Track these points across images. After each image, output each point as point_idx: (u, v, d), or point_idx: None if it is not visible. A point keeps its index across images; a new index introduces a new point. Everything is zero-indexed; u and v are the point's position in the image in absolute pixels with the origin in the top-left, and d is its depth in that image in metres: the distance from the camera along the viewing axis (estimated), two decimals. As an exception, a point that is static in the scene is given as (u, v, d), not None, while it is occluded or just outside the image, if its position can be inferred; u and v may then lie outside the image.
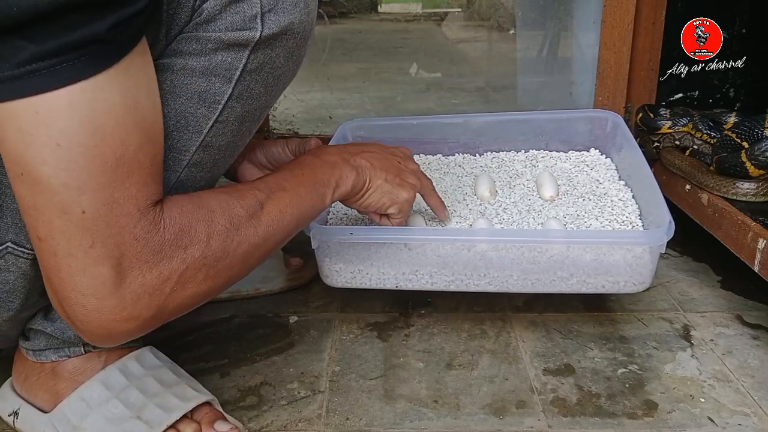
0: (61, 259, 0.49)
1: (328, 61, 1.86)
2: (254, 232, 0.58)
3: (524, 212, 0.91)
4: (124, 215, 0.49)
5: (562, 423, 0.71)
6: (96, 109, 0.46)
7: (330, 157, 0.70)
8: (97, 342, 0.54)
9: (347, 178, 0.69)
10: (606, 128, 1.03)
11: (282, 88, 0.64)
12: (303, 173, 0.66)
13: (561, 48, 1.40)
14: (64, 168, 0.46)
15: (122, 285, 0.50)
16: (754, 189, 0.89)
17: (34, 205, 0.48)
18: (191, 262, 0.53)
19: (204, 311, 0.95)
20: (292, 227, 0.63)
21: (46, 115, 0.45)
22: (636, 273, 0.79)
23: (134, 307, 0.51)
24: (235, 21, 0.54)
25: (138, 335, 0.54)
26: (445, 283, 0.82)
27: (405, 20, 2.52)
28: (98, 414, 0.65)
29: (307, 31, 0.59)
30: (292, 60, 0.60)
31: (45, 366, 0.68)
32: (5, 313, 0.62)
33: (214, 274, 0.55)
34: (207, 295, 0.57)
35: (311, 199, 0.65)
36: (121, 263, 0.50)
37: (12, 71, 0.43)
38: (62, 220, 0.48)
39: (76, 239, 0.48)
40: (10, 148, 0.47)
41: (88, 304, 0.50)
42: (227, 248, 0.56)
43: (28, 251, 0.59)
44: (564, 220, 0.88)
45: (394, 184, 0.75)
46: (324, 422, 0.72)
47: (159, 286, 0.52)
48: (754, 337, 0.87)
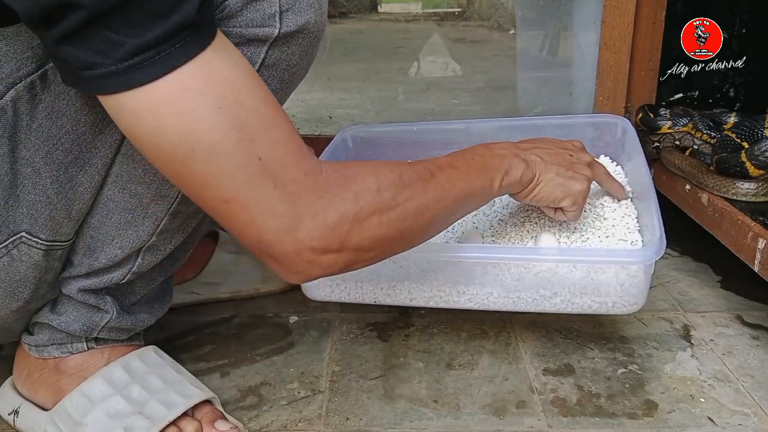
0: (253, 209, 0.52)
1: (328, 61, 1.86)
2: (423, 192, 0.60)
3: (519, 224, 0.87)
4: (289, 153, 0.53)
5: (562, 423, 0.72)
6: (228, 68, 0.50)
7: (501, 150, 0.71)
8: (300, 278, 0.57)
9: (516, 169, 0.70)
10: (616, 134, 1.00)
11: (295, 86, 0.65)
12: (473, 158, 0.68)
13: (561, 48, 1.40)
14: (231, 126, 0.49)
15: (306, 218, 0.53)
16: (754, 189, 0.89)
17: (214, 174, 0.50)
18: (363, 204, 0.55)
19: (204, 311, 0.95)
20: (462, 201, 0.64)
21: (196, 86, 0.48)
22: (627, 293, 0.75)
23: (322, 239, 0.54)
24: (255, 18, 0.56)
25: (332, 271, 0.57)
26: (424, 299, 0.81)
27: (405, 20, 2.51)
28: (100, 410, 0.65)
29: (320, 30, 0.61)
30: (306, 58, 0.62)
31: (48, 362, 0.68)
32: (14, 303, 0.63)
33: (387, 222, 0.57)
34: (385, 242, 0.58)
35: (480, 181, 0.66)
36: (300, 198, 0.53)
37: (147, 53, 0.45)
38: (246, 173, 0.51)
39: (261, 186, 0.51)
40: (171, 131, 0.48)
41: (284, 239, 0.53)
42: (397, 199, 0.58)
43: (41, 242, 0.59)
44: (559, 234, 0.84)
45: (566, 177, 0.74)
46: (324, 422, 0.72)
47: (339, 222, 0.54)
48: (754, 337, 0.87)
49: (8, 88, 0.54)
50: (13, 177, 0.56)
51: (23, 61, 0.54)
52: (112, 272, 0.66)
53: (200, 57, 0.48)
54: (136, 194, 0.63)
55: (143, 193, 0.63)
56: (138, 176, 0.62)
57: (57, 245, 0.62)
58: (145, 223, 0.64)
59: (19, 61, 0.54)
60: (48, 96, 0.55)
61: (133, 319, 0.70)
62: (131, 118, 0.49)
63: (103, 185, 0.62)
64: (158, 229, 0.65)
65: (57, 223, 0.60)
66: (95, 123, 0.58)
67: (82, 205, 0.61)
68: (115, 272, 0.66)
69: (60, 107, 0.56)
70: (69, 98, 0.56)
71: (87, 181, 0.60)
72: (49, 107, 0.55)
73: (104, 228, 0.64)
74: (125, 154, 0.61)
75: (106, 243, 0.64)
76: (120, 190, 0.62)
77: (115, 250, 0.65)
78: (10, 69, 0.54)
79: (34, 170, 0.57)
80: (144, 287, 0.71)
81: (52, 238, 0.61)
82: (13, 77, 0.54)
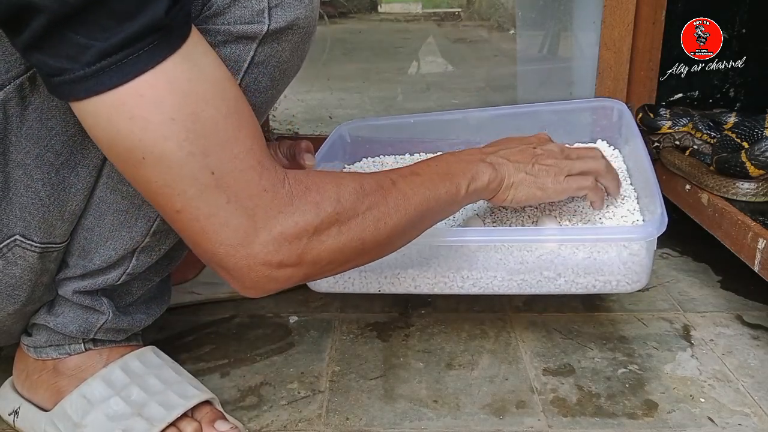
0: (204, 221, 0.51)
1: (328, 61, 1.86)
2: (384, 200, 0.59)
3: (519, 209, 0.87)
4: (248, 169, 0.52)
5: (562, 423, 0.71)
6: (191, 78, 0.49)
7: (466, 156, 0.72)
8: (255, 293, 0.57)
9: (483, 173, 0.70)
10: (612, 118, 0.99)
11: (287, 83, 0.65)
12: (437, 165, 0.67)
13: (561, 48, 1.40)
14: (184, 138, 0.48)
15: (262, 232, 0.52)
16: (754, 189, 0.89)
17: (165, 183, 0.50)
18: (324, 216, 0.55)
19: (204, 311, 0.95)
20: (425, 208, 0.63)
21: (152, 95, 0.47)
22: (630, 271, 0.76)
23: (277, 253, 0.53)
24: (243, 15, 0.56)
25: (287, 285, 0.56)
26: (428, 286, 0.80)
27: (405, 20, 2.51)
28: (99, 411, 0.65)
29: (311, 26, 0.60)
30: (297, 55, 0.61)
31: (47, 364, 0.68)
32: (11, 306, 0.62)
33: (347, 232, 0.57)
34: (344, 253, 0.57)
35: (446, 187, 0.65)
36: (257, 213, 0.52)
37: (106, 60, 0.45)
38: (196, 187, 0.50)
39: (213, 199, 0.51)
40: (124, 137, 0.48)
41: (236, 254, 0.53)
42: (357, 208, 0.57)
43: (35, 244, 0.59)
44: (560, 217, 0.85)
45: (535, 174, 0.74)
46: (324, 422, 0.72)
47: (297, 235, 0.54)
48: (754, 337, 0.87)
49: None
50: (4, 180, 0.56)
51: (12, 63, 0.53)
52: (106, 273, 0.66)
53: (164, 64, 0.47)
54: (128, 195, 0.62)
55: (135, 194, 0.62)
56: None
57: (52, 247, 0.61)
58: (138, 224, 0.64)
59: (8, 63, 0.53)
60: (37, 98, 0.55)
61: (129, 319, 0.70)
62: (90, 121, 0.48)
63: (95, 187, 0.62)
64: (152, 229, 0.65)
65: (50, 225, 0.60)
66: None
67: (75, 206, 0.61)
68: (110, 273, 0.66)
69: (50, 109, 0.56)
70: (58, 100, 0.55)
71: (79, 182, 0.60)
72: (38, 109, 0.55)
73: (98, 229, 0.63)
74: None
75: (100, 244, 0.64)
76: (112, 191, 0.62)
77: (109, 251, 0.64)
78: None
79: (25, 173, 0.56)
80: (140, 288, 0.71)
81: (47, 240, 0.60)
82: (1, 79, 0.53)
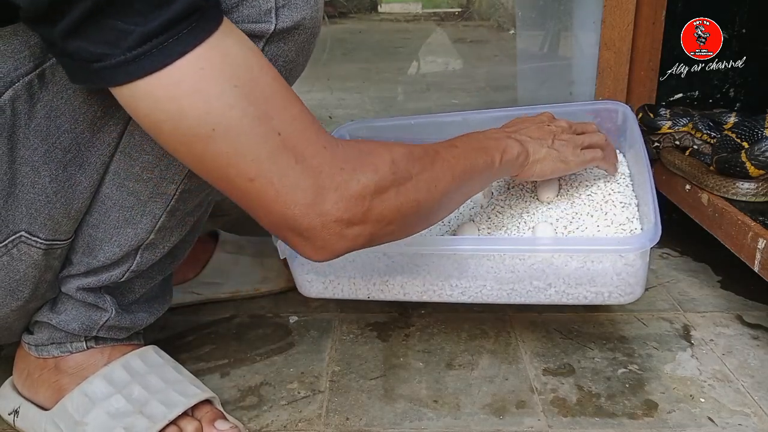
0: (278, 184, 0.52)
1: (328, 61, 1.86)
2: (432, 165, 0.62)
3: (516, 216, 0.86)
4: (306, 128, 0.54)
5: (562, 423, 0.71)
6: (240, 49, 0.50)
7: (494, 133, 0.76)
8: (325, 254, 0.57)
9: (512, 148, 0.73)
10: (617, 121, 0.98)
11: (292, 83, 0.65)
12: (470, 140, 0.71)
13: (561, 48, 1.40)
14: (248, 104, 0.50)
15: (330, 191, 0.54)
16: (754, 189, 0.89)
17: (236, 152, 0.51)
18: (382, 175, 0.56)
19: (204, 311, 0.95)
20: (467, 176, 0.66)
21: (211, 67, 0.48)
22: (623, 282, 0.74)
23: (347, 210, 0.55)
24: (251, 14, 0.56)
25: (355, 245, 0.57)
26: (417, 293, 0.80)
27: (405, 20, 2.51)
28: (100, 409, 0.65)
29: (316, 27, 0.61)
30: (302, 55, 0.62)
31: (48, 362, 0.68)
32: (14, 303, 0.63)
33: (404, 192, 0.59)
34: (404, 214, 0.59)
35: (482, 158, 0.69)
36: (322, 171, 0.53)
37: (158, 38, 0.46)
38: (267, 149, 0.51)
39: (284, 160, 0.52)
40: (188, 114, 0.49)
41: (310, 212, 0.54)
42: (411, 171, 0.59)
43: (41, 241, 0.59)
44: (557, 223, 0.83)
45: (557, 148, 0.78)
46: (324, 422, 0.72)
47: (361, 193, 0.55)
48: (754, 337, 0.87)
49: (6, 87, 0.54)
50: (12, 176, 0.56)
51: (21, 61, 0.54)
52: (110, 270, 0.66)
53: (210, 39, 0.48)
54: (133, 192, 0.63)
55: (141, 191, 0.63)
56: (136, 174, 0.62)
57: (56, 244, 0.62)
58: (143, 221, 0.64)
59: (17, 60, 0.54)
60: (46, 95, 0.55)
61: (132, 318, 0.70)
62: (147, 105, 0.49)
63: (101, 183, 0.62)
64: (156, 227, 0.65)
65: (56, 222, 0.60)
66: (93, 121, 0.58)
67: (81, 203, 0.61)
68: (114, 270, 0.66)
69: (58, 106, 0.56)
70: (67, 97, 0.56)
71: (86, 179, 0.60)
72: (47, 106, 0.55)
73: (103, 226, 0.64)
74: (123, 152, 0.61)
75: (104, 241, 0.64)
76: (118, 188, 0.62)
77: (113, 248, 0.65)
78: (7, 68, 0.54)
79: (32, 169, 0.57)
80: (143, 286, 0.71)
81: (52, 237, 0.61)
82: (10, 77, 0.54)
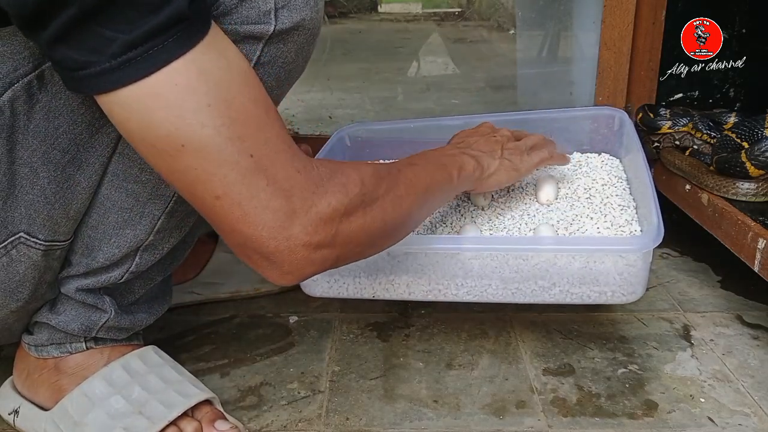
0: (246, 205, 0.52)
1: (328, 61, 1.86)
2: (396, 184, 0.63)
3: (517, 218, 0.87)
4: (281, 151, 0.54)
5: (562, 423, 0.71)
6: (219, 66, 0.50)
7: (447, 150, 0.78)
8: (292, 278, 0.57)
9: (468, 164, 0.75)
10: (613, 126, 0.99)
11: (291, 83, 0.65)
12: (427, 158, 0.72)
13: (561, 48, 1.40)
14: (221, 124, 0.50)
15: (300, 214, 0.54)
16: (754, 189, 0.89)
17: (205, 170, 0.51)
18: (352, 197, 0.57)
19: (204, 311, 0.95)
20: (428, 193, 0.67)
21: (186, 83, 0.48)
22: (626, 282, 0.75)
23: (315, 233, 0.55)
24: (250, 15, 0.56)
25: (322, 268, 0.57)
26: (422, 293, 0.80)
27: (405, 20, 2.51)
28: (100, 409, 0.65)
29: (316, 28, 0.61)
30: (302, 56, 0.62)
31: (47, 362, 0.68)
32: (14, 304, 0.63)
33: (371, 213, 0.59)
34: (370, 234, 0.60)
35: (440, 175, 0.70)
36: (294, 194, 0.53)
37: (133, 51, 0.46)
38: (237, 171, 0.51)
39: (254, 182, 0.52)
40: (159, 126, 0.49)
41: (278, 236, 0.53)
42: (378, 191, 0.60)
43: (40, 242, 0.59)
44: (558, 225, 0.84)
45: (506, 158, 0.80)
46: (324, 422, 0.72)
47: (331, 215, 0.55)
48: (754, 337, 0.87)
49: (5, 88, 0.54)
50: (10, 177, 0.56)
51: (20, 62, 0.54)
52: (110, 271, 0.66)
53: (191, 53, 0.48)
54: (132, 193, 0.63)
55: (140, 192, 0.63)
56: (134, 175, 0.62)
57: (56, 245, 0.62)
58: (142, 222, 0.64)
59: (16, 61, 0.54)
60: (45, 96, 0.55)
61: (131, 318, 0.70)
62: (123, 113, 0.49)
63: (100, 184, 0.62)
64: (155, 228, 0.65)
65: (55, 223, 0.60)
66: (92, 122, 0.58)
67: (80, 204, 0.61)
68: (113, 271, 0.66)
69: (57, 107, 0.56)
70: (66, 98, 0.56)
71: (84, 180, 0.60)
72: (46, 107, 0.56)
73: (102, 227, 0.64)
74: (122, 153, 0.61)
75: (103, 242, 0.64)
76: (117, 189, 0.62)
77: (112, 249, 0.65)
78: (7, 69, 0.54)
79: (31, 170, 0.57)
80: (142, 287, 0.71)
81: (51, 238, 0.61)
82: (10, 77, 0.54)
